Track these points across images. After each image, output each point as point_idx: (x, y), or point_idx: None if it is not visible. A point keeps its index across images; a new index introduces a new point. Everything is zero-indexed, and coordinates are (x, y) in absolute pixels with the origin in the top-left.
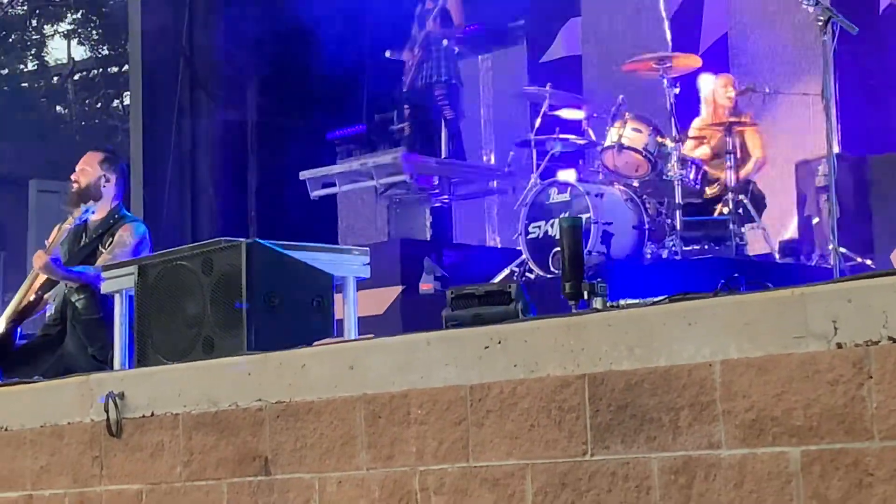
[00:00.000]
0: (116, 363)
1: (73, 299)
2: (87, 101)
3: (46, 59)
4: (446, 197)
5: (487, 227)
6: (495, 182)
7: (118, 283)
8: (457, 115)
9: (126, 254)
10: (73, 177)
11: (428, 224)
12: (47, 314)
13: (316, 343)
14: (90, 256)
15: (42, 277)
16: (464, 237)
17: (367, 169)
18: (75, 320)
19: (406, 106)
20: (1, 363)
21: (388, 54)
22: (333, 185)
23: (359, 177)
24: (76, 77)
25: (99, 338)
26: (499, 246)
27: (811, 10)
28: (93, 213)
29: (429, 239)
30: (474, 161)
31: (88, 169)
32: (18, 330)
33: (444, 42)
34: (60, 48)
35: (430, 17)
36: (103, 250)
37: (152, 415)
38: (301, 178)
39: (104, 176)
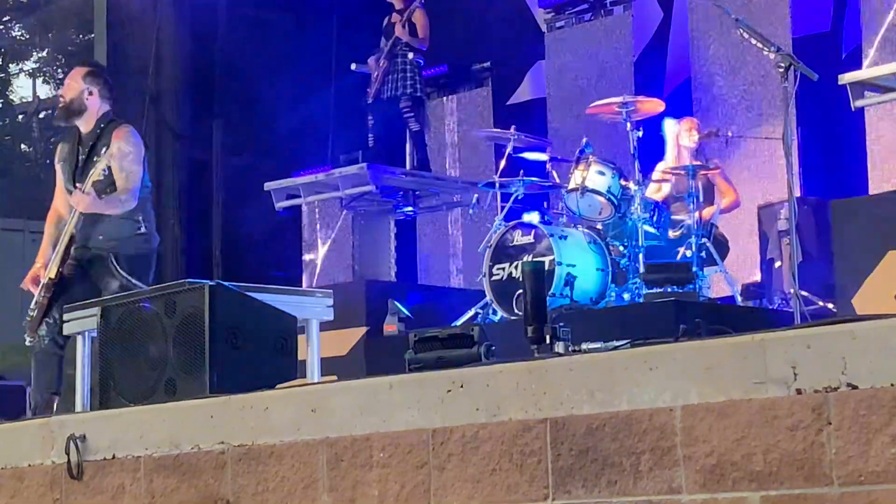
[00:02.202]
0: (78, 405)
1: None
2: (51, 140)
3: (11, 97)
4: (411, 209)
5: (452, 268)
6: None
7: (81, 325)
8: (422, 128)
9: (135, 159)
10: (59, 92)
11: (392, 235)
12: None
13: (279, 385)
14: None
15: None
16: (428, 278)
17: (332, 180)
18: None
19: (370, 117)
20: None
21: (353, 66)
22: (298, 196)
23: (323, 188)
24: (41, 115)
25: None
26: (463, 287)
27: (772, 56)
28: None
29: (394, 280)
30: (439, 174)
31: (72, 83)
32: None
33: (410, 55)
34: (25, 87)
35: (399, 23)
36: (98, 158)
37: (114, 457)
38: (266, 188)
39: (87, 89)
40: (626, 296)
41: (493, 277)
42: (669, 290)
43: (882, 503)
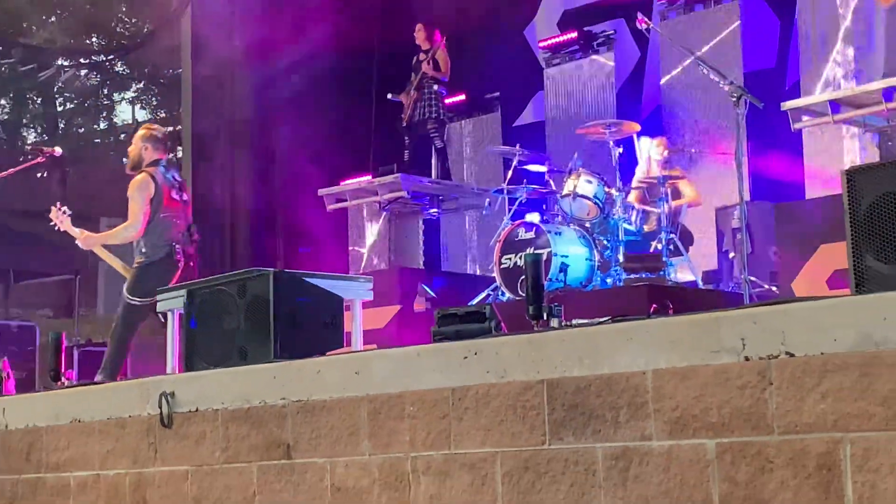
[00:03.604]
0: (168, 368)
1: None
2: None
3: (115, 120)
4: (435, 210)
5: (469, 258)
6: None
7: (171, 304)
8: (445, 145)
9: (136, 201)
10: (129, 150)
11: (420, 231)
12: None
13: (329, 353)
14: None
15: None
16: (450, 266)
17: (372, 187)
18: None
19: (406, 137)
20: None
21: (389, 96)
22: (345, 199)
23: (365, 193)
24: None
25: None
26: (478, 273)
27: (727, 88)
28: None
29: (422, 267)
30: (459, 182)
31: (134, 145)
32: None
33: (435, 86)
34: (126, 111)
35: (426, 60)
36: None
37: (197, 410)
38: (319, 194)
39: (143, 146)
40: (609, 280)
41: (502, 266)
42: (644, 276)
43: (813, 448)
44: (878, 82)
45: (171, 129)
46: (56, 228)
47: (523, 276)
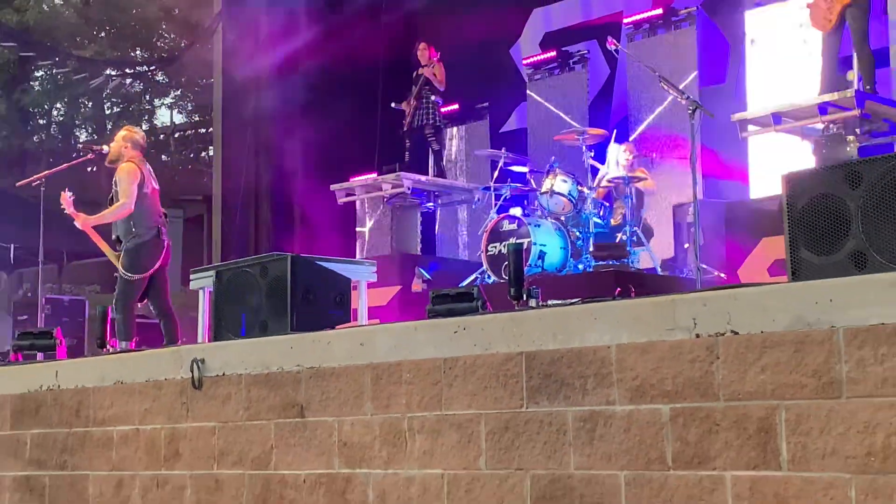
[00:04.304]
0: (199, 338)
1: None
2: (183, 153)
3: (156, 122)
4: (431, 204)
5: (460, 245)
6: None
7: (201, 283)
8: (440, 148)
9: (126, 184)
10: (110, 146)
11: (419, 222)
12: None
13: (338, 326)
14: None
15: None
16: (443, 252)
17: (377, 183)
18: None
19: (406, 140)
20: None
21: (393, 105)
22: (353, 194)
23: (372, 189)
24: (176, 135)
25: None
26: (468, 259)
27: (684, 101)
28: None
29: (419, 253)
30: (452, 180)
31: (115, 143)
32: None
33: (432, 97)
34: (165, 115)
35: (428, 68)
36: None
37: (223, 375)
38: (331, 188)
39: (124, 145)
40: (581, 266)
41: (489, 253)
42: (611, 263)
43: (753, 413)
44: (814, 98)
45: (204, 130)
46: (64, 210)
47: (507, 262)
